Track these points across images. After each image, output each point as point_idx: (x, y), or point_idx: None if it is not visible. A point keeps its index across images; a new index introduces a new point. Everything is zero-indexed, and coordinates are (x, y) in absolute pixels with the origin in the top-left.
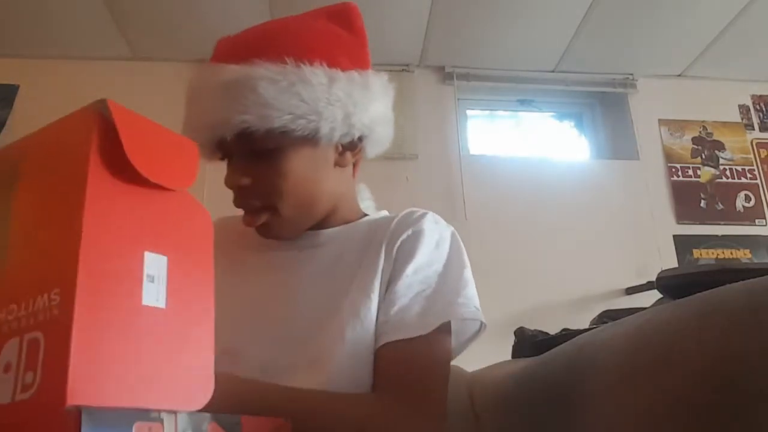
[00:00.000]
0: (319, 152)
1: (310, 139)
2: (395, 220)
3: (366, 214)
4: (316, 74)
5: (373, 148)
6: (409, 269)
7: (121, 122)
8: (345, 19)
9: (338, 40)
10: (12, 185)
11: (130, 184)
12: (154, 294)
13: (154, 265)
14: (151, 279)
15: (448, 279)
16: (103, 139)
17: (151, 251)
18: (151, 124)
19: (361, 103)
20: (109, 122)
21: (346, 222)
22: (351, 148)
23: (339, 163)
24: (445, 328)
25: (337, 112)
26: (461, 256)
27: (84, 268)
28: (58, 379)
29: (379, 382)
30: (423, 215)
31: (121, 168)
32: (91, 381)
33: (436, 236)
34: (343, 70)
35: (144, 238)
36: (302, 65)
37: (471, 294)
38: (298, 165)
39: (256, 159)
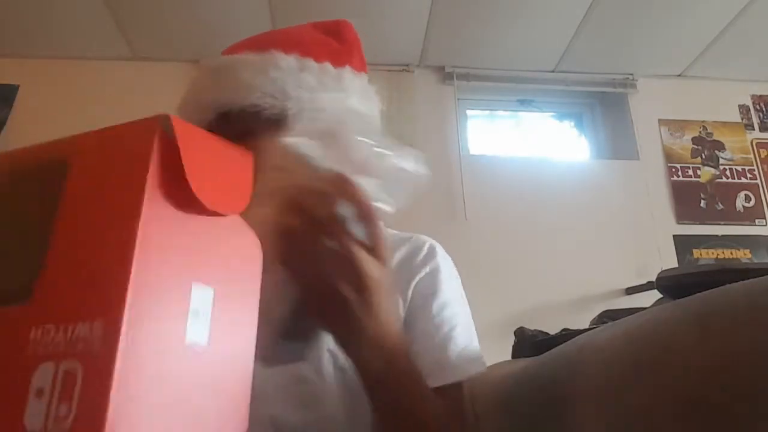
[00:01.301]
0: None
1: (281, 123)
2: (402, 253)
3: None
4: (287, 60)
5: None
6: (434, 309)
7: (184, 143)
8: (334, 30)
9: (322, 41)
10: (59, 184)
11: (186, 209)
12: (197, 330)
13: (200, 298)
14: (196, 314)
15: (464, 321)
16: (163, 159)
17: (199, 283)
18: (212, 140)
19: (333, 94)
20: (170, 140)
21: None
22: None
23: None
24: None
25: (304, 95)
26: (462, 290)
27: (131, 302)
28: (96, 419)
29: None
30: (434, 249)
31: (179, 192)
32: (129, 422)
33: (448, 270)
34: (317, 61)
35: (193, 267)
36: (276, 52)
37: (476, 340)
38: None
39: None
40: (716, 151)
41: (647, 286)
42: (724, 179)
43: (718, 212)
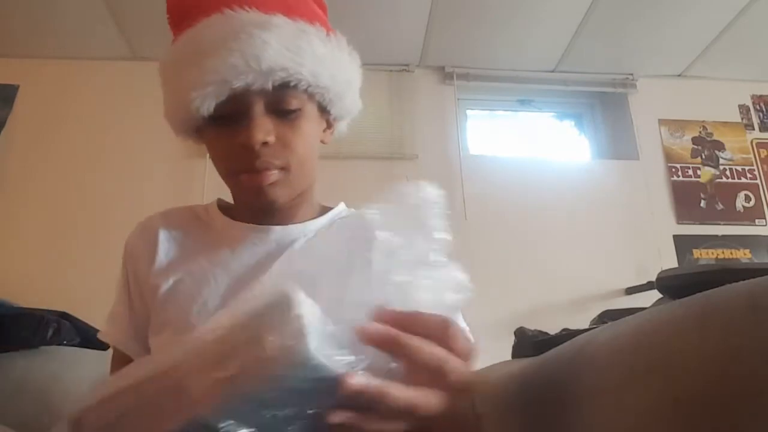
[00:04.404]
0: (320, 121)
1: (322, 106)
2: None
3: (322, 206)
4: (343, 45)
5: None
6: None
7: None
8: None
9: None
10: None
11: None
12: None
13: None
14: None
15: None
16: None
17: None
18: None
19: (356, 84)
20: None
21: (311, 215)
22: (329, 125)
23: (323, 139)
24: None
25: (355, 84)
26: None
27: None
28: None
29: None
30: None
31: None
32: None
33: None
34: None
35: None
36: (334, 34)
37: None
38: (312, 129)
39: (276, 118)
40: (716, 151)
41: (647, 286)
42: (724, 179)
43: (718, 212)
